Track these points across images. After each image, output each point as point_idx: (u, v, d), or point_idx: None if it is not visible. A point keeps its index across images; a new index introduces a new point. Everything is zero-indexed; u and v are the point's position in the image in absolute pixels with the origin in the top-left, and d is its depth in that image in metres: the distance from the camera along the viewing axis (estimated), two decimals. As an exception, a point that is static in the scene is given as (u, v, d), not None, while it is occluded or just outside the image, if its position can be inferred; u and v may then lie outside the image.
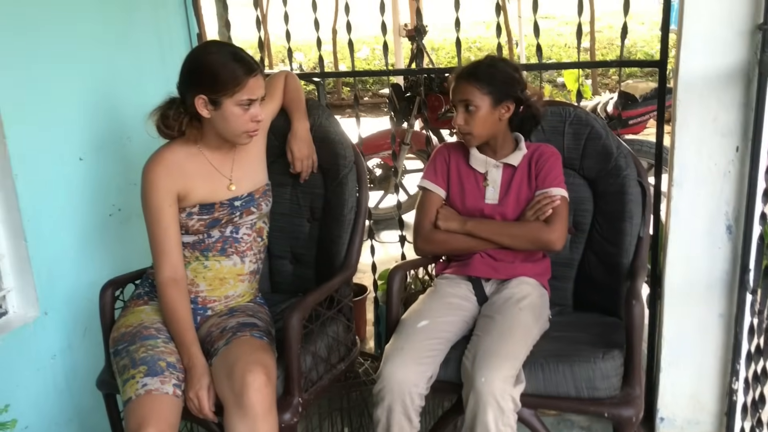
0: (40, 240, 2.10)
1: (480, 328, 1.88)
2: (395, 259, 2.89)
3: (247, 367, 1.68)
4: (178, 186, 1.89)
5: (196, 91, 1.81)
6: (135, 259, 2.23)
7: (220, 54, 1.81)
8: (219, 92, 1.80)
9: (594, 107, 4.31)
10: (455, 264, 2.11)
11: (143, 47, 2.51)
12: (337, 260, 2.16)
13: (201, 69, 1.82)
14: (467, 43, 12.33)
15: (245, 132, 1.87)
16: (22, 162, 2.03)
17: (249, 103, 1.83)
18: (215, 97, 1.80)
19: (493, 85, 1.95)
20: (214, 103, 1.81)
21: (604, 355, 1.76)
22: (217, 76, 1.79)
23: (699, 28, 1.96)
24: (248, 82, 1.80)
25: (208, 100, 1.81)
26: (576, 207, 2.12)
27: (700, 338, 2.19)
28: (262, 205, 2.03)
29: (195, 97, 1.81)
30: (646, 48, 11.12)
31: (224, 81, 1.78)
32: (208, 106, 1.82)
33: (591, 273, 2.12)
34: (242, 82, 1.79)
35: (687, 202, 2.09)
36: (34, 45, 2.07)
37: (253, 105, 1.84)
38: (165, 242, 1.87)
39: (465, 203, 2.07)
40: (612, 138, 2.09)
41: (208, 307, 1.99)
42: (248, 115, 1.84)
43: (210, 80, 1.79)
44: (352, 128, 2.63)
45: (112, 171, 2.37)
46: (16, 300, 2.12)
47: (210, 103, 1.82)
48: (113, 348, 1.88)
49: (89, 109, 2.28)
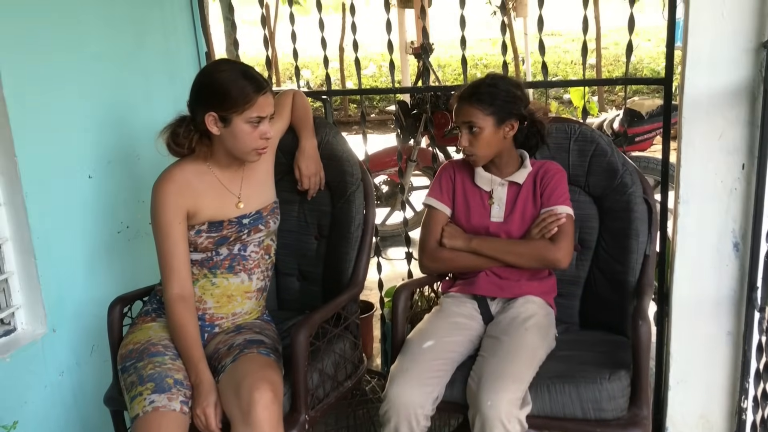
0: (49, 257, 2.12)
1: (486, 349, 1.87)
2: (402, 276, 2.89)
3: (255, 384, 1.68)
4: (188, 204, 1.90)
5: (207, 109, 1.83)
6: (143, 276, 2.24)
7: (231, 72, 1.83)
8: (229, 110, 1.81)
9: (600, 124, 4.31)
10: (461, 282, 2.11)
11: (152, 66, 2.54)
12: (344, 277, 2.17)
13: (212, 86, 1.84)
14: (473, 60, 12.39)
15: (254, 149, 1.88)
16: (32, 180, 2.05)
17: (258, 120, 1.84)
18: (225, 114, 1.82)
19: (496, 105, 1.95)
20: (224, 120, 1.83)
21: (610, 376, 1.75)
22: (227, 94, 1.81)
23: (704, 45, 1.97)
24: (258, 100, 1.82)
25: (218, 118, 1.83)
26: (582, 224, 2.12)
27: (709, 356, 2.17)
28: (270, 222, 2.04)
29: (205, 115, 1.83)
30: (652, 64, 11.14)
31: (234, 99, 1.80)
32: (218, 123, 1.84)
33: (597, 291, 2.12)
34: (252, 99, 1.81)
35: (694, 219, 2.08)
36: (45, 65, 2.10)
37: (263, 122, 1.86)
38: (174, 259, 1.88)
39: (470, 221, 2.07)
40: (617, 155, 2.09)
41: (216, 324, 1.99)
42: (257, 133, 1.86)
43: (220, 98, 1.81)
44: (359, 145, 2.64)
45: (120, 188, 2.39)
46: (24, 317, 2.14)
47: (220, 120, 1.83)
48: (121, 365, 1.88)
49: (99, 127, 2.31)
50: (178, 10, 2.63)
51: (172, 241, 1.88)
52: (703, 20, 1.95)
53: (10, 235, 2.08)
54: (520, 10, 8.09)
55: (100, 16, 2.30)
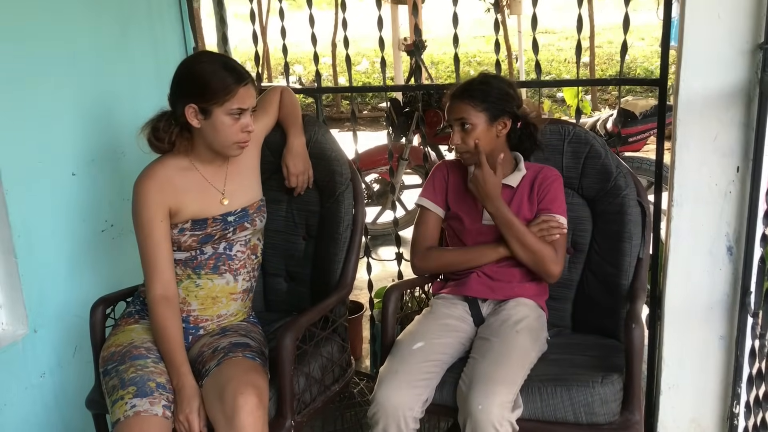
0: (31, 256, 2.08)
1: (476, 351, 1.84)
2: (392, 276, 2.86)
3: (239, 388, 1.65)
4: (170, 201, 1.86)
5: (186, 101, 1.80)
6: (127, 276, 2.20)
7: (211, 63, 1.82)
8: (209, 101, 1.79)
9: (593, 124, 4.29)
10: (452, 284, 2.08)
11: (138, 61, 2.50)
12: (332, 279, 2.13)
13: (191, 78, 1.81)
14: (467, 58, 12.37)
15: (235, 143, 1.85)
16: (12, 176, 2.01)
17: (239, 112, 1.82)
18: (205, 105, 1.79)
19: (488, 101, 1.93)
20: (204, 112, 1.80)
21: (603, 380, 1.73)
22: (207, 85, 1.78)
23: (699, 46, 1.94)
24: (238, 91, 1.79)
25: (198, 110, 1.80)
26: (575, 227, 2.10)
27: (701, 361, 2.15)
28: (256, 220, 2.00)
29: (185, 107, 1.81)
30: (645, 64, 11.15)
31: (214, 89, 1.78)
32: (198, 115, 1.81)
33: (590, 294, 2.09)
34: (232, 90, 1.79)
35: (687, 222, 2.06)
36: (27, 58, 2.05)
37: (244, 115, 1.83)
38: (156, 259, 1.84)
39: (463, 223, 2.04)
40: (611, 157, 2.07)
41: (200, 327, 1.95)
42: (238, 125, 1.83)
43: (200, 89, 1.79)
44: (350, 144, 2.60)
45: (105, 186, 2.34)
46: (5, 317, 2.10)
47: (200, 112, 1.81)
48: (102, 367, 1.85)
49: (83, 123, 2.26)
50: (166, 5, 2.59)
51: (155, 240, 1.84)
52: (698, 21, 1.93)
53: (-10, 234, 2.04)
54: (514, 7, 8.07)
55: (84, 9, 2.25)
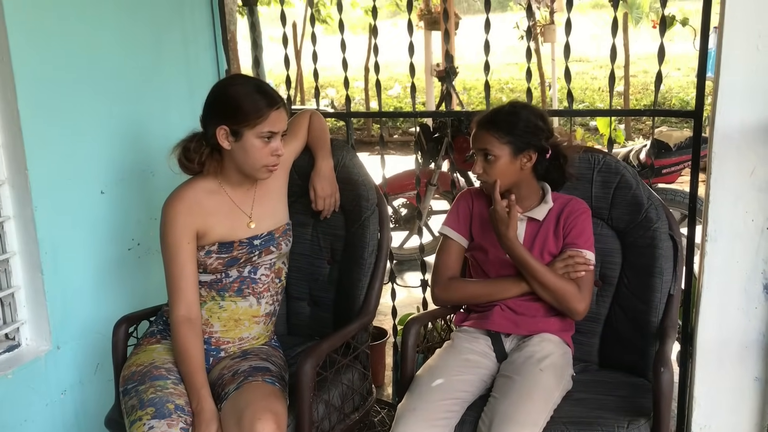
0: (57, 273, 2.09)
1: (498, 389, 1.79)
2: (417, 302, 2.83)
3: (257, 414, 1.63)
4: (198, 224, 1.87)
5: (218, 122, 1.82)
6: (152, 295, 2.20)
7: (244, 86, 1.84)
8: (241, 123, 1.80)
9: (626, 154, 4.23)
10: (474, 316, 2.03)
11: (171, 82, 2.52)
12: (355, 304, 2.11)
13: (224, 99, 1.83)
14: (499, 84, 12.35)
15: (265, 166, 1.85)
16: (43, 194, 2.03)
17: (270, 135, 1.82)
18: (237, 128, 1.80)
19: (513, 134, 1.89)
20: (235, 134, 1.81)
21: (629, 425, 1.66)
22: (239, 107, 1.79)
23: (737, 78, 1.90)
24: (270, 115, 1.80)
25: (229, 131, 1.81)
26: (603, 259, 2.04)
27: (734, 402, 2.08)
28: (281, 244, 2.00)
29: (217, 128, 1.82)
30: (681, 94, 11.01)
31: (246, 112, 1.79)
32: (229, 137, 1.82)
33: (618, 329, 2.03)
34: (264, 114, 1.79)
35: (722, 258, 2.00)
36: (61, 78, 2.08)
37: (274, 139, 1.83)
38: (181, 280, 1.84)
39: (487, 254, 2.01)
40: (643, 188, 2.01)
41: (221, 349, 1.94)
42: (269, 149, 1.83)
43: (232, 111, 1.80)
44: (379, 168, 2.59)
45: (133, 205, 2.36)
46: (29, 332, 2.11)
47: (231, 134, 1.81)
48: (122, 387, 1.84)
49: (113, 142, 2.29)
50: (200, 28, 2.62)
51: (181, 262, 1.84)
52: (736, 52, 1.89)
53: (18, 249, 2.06)
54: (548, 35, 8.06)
55: (120, 31, 2.29)
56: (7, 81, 1.94)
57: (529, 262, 1.89)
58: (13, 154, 1.99)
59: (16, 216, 2.04)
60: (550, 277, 1.88)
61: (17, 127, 1.96)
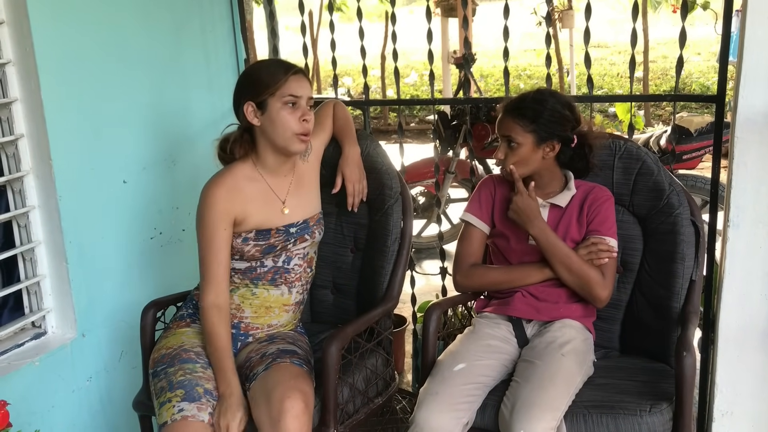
0: (81, 261, 2.12)
1: (520, 374, 1.80)
2: (436, 290, 2.83)
3: (286, 392, 1.66)
4: (237, 210, 1.88)
5: (244, 100, 1.85)
6: (175, 283, 2.22)
7: (261, 62, 2.02)
8: (262, 93, 1.82)
9: (647, 140, 4.20)
10: (495, 302, 2.04)
11: (191, 71, 2.53)
12: (378, 291, 2.12)
13: (245, 78, 1.91)
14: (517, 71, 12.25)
15: (295, 134, 1.85)
16: (66, 184, 2.05)
17: (293, 101, 1.83)
18: (260, 99, 1.83)
19: (538, 123, 1.89)
20: (261, 106, 1.83)
21: (651, 408, 1.66)
22: (258, 79, 1.85)
23: (760, 62, 1.88)
24: (289, 78, 1.83)
25: (255, 106, 1.84)
26: (624, 245, 2.03)
27: (756, 387, 2.07)
28: (315, 233, 2.01)
29: (244, 107, 1.84)
30: (701, 79, 10.87)
31: (265, 81, 1.83)
32: (256, 112, 1.84)
33: (639, 315, 2.02)
34: (282, 78, 1.82)
35: (744, 244, 1.99)
36: (83, 69, 2.10)
37: (299, 104, 1.84)
38: (213, 266, 1.86)
39: (509, 241, 2.01)
40: (664, 174, 2.00)
41: (250, 334, 1.97)
42: (295, 115, 1.84)
43: (253, 84, 1.85)
44: (396, 156, 2.59)
45: (155, 194, 2.38)
46: (54, 321, 2.14)
47: (257, 108, 1.84)
48: (152, 369, 1.87)
49: (135, 132, 2.31)
50: (218, 17, 2.62)
51: (215, 247, 1.86)
52: (759, 36, 1.86)
53: (43, 238, 2.08)
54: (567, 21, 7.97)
55: (140, 21, 2.30)
56: (30, 72, 1.96)
57: (558, 245, 1.89)
58: (37, 145, 2.01)
59: (40, 206, 2.06)
60: (576, 260, 1.88)
61: (41, 118, 1.98)
